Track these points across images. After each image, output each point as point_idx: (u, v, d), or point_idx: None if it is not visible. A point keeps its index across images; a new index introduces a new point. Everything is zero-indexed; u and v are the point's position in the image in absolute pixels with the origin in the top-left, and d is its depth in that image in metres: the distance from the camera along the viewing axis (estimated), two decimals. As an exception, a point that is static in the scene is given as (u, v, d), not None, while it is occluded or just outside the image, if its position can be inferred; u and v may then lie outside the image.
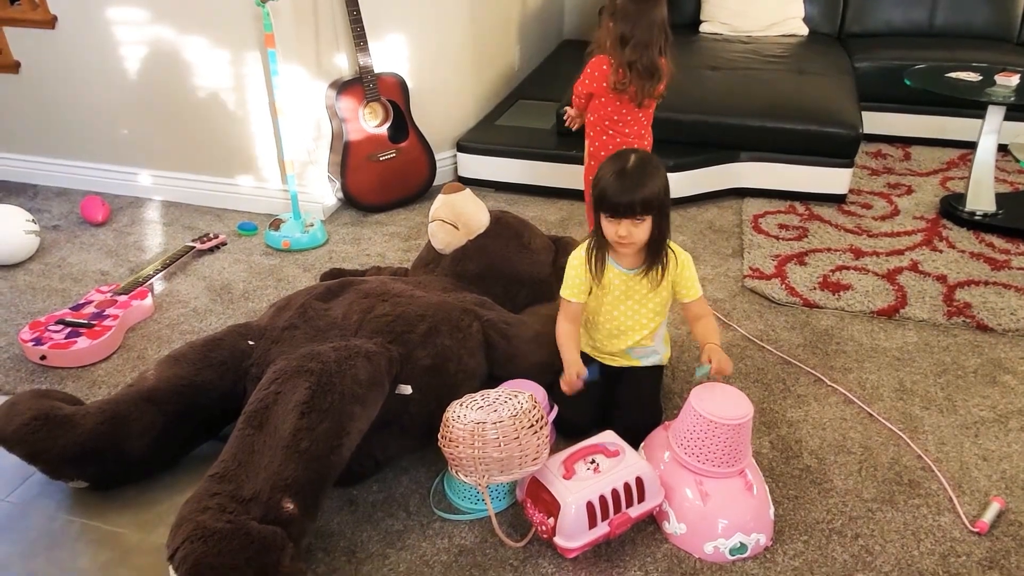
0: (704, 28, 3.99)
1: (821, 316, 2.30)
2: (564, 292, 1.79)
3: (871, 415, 1.89)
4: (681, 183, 2.97)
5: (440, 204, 2.07)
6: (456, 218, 2.05)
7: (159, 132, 3.00)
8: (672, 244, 1.75)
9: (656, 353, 1.88)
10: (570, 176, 3.01)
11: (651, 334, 1.83)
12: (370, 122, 2.87)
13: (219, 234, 2.77)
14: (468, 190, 2.10)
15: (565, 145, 3.07)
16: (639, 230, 1.65)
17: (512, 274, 2.08)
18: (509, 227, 2.14)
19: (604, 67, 2.17)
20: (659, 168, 1.66)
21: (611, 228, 1.67)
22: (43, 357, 2.08)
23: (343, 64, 2.87)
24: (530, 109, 3.52)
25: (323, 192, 2.96)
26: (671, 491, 1.54)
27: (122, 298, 2.30)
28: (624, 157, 1.66)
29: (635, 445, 1.64)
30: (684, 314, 1.81)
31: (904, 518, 1.60)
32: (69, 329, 2.15)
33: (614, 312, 1.80)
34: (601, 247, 1.74)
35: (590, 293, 1.79)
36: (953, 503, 1.63)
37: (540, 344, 1.84)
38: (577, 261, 1.77)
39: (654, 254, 1.71)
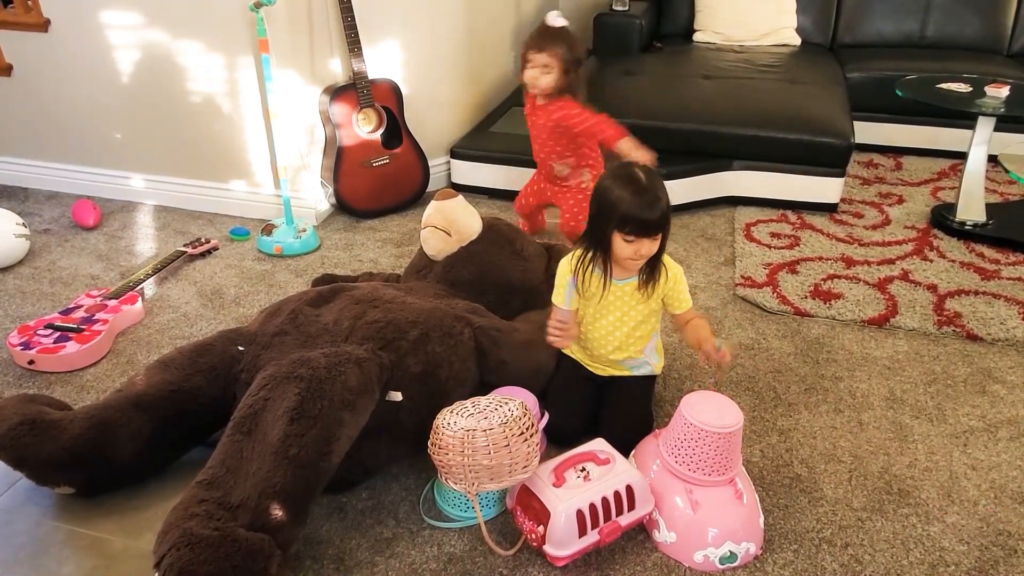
0: (697, 37, 4.01)
1: (812, 325, 2.30)
2: (555, 299, 1.80)
3: (861, 424, 1.90)
4: (674, 191, 2.92)
5: (433, 210, 2.06)
6: (448, 224, 2.05)
7: (152, 136, 3.00)
8: (664, 257, 1.75)
9: (648, 363, 1.88)
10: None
11: (641, 346, 1.83)
12: (364, 128, 2.87)
13: (211, 239, 2.76)
14: (461, 197, 2.10)
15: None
16: (655, 245, 1.65)
17: (504, 281, 2.08)
18: (502, 234, 2.14)
19: None
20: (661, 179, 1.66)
21: (629, 248, 1.62)
22: (31, 361, 2.07)
23: (337, 69, 2.87)
24: (524, 116, 3.51)
25: (316, 197, 2.95)
26: (661, 499, 1.54)
27: (112, 303, 2.29)
28: (634, 174, 1.62)
29: (625, 453, 1.64)
30: (675, 321, 1.82)
31: (894, 527, 1.60)
32: (58, 333, 2.13)
33: (602, 322, 1.80)
34: (605, 262, 1.70)
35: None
36: (942, 512, 1.63)
37: (532, 351, 1.84)
38: (565, 271, 1.77)
39: (652, 266, 1.70)
